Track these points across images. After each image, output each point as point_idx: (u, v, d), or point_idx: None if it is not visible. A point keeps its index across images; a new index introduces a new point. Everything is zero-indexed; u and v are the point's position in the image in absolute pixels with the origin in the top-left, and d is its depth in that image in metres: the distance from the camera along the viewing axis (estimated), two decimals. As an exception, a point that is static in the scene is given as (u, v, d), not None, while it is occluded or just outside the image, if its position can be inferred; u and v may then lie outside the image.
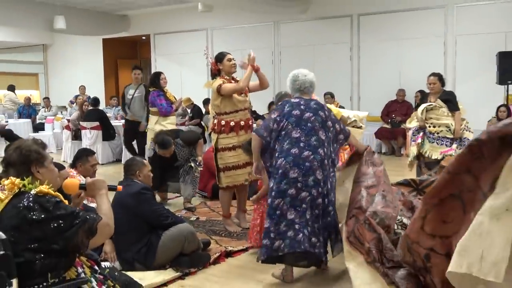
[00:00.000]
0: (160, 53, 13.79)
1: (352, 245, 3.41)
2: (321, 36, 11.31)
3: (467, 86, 9.84)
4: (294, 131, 3.69)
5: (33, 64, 16.86)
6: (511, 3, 9.31)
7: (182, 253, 4.03)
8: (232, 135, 4.96)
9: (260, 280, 3.83)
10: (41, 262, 2.03)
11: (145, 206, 3.97)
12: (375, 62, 10.77)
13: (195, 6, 11.02)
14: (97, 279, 2.25)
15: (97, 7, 12.88)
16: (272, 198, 3.64)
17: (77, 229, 2.06)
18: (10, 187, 2.10)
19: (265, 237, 3.63)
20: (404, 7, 10.25)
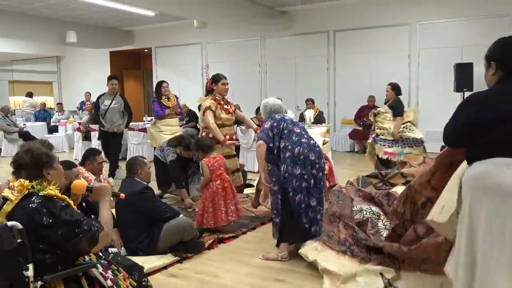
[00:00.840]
0: (161, 64, 13.75)
1: (323, 243, 3.59)
2: (302, 49, 11.34)
3: (428, 94, 9.94)
4: (295, 128, 3.90)
5: (48, 73, 16.77)
6: (466, 21, 9.40)
7: (181, 241, 4.04)
8: (218, 146, 4.96)
9: (248, 263, 3.84)
10: (51, 259, 2.01)
11: (147, 204, 3.98)
12: (348, 73, 10.82)
13: (191, 23, 10.99)
14: (102, 264, 2.23)
15: (104, 23, 12.84)
16: (294, 190, 3.70)
17: (81, 238, 2.02)
18: (19, 189, 2.05)
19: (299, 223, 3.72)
20: (374, 24, 10.30)
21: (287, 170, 3.73)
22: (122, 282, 2.23)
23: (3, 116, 11.21)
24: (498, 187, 2.06)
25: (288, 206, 3.73)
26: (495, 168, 2.09)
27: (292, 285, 3.39)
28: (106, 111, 7.09)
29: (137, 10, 10.59)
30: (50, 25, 11.73)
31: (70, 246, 2.01)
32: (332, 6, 10.60)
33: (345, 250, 3.46)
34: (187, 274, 3.65)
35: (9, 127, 11.17)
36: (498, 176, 2.07)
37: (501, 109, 2.15)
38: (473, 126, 2.21)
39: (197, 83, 12.93)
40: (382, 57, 10.36)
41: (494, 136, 2.14)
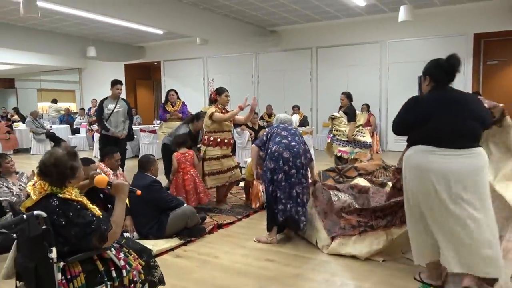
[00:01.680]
0: (168, 75, 13.71)
1: (343, 236, 3.56)
2: (289, 63, 11.35)
3: (396, 102, 9.91)
4: (282, 132, 3.94)
5: (71, 83, 16.69)
6: (427, 40, 9.46)
7: (185, 227, 4.04)
8: (217, 148, 4.98)
9: (243, 245, 3.85)
10: (68, 249, 1.99)
11: (155, 195, 3.97)
12: (329, 83, 10.84)
13: (194, 40, 10.99)
14: (115, 247, 2.20)
15: (120, 40, 12.79)
16: (268, 182, 3.80)
17: (92, 237, 1.99)
18: (40, 190, 2.01)
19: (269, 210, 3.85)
20: (350, 41, 10.34)
21: (265, 165, 3.86)
22: (133, 262, 2.22)
23: (32, 119, 11.15)
24: (418, 165, 2.61)
25: (267, 196, 3.91)
26: (419, 153, 2.62)
27: (280, 263, 3.40)
28: (110, 115, 6.27)
29: (148, 29, 10.57)
30: (73, 41, 11.69)
31: (82, 244, 1.99)
32: (315, 26, 10.62)
33: (365, 229, 3.44)
34: (190, 255, 3.65)
35: (38, 129, 11.11)
36: (421, 159, 2.60)
37: (428, 111, 2.63)
38: (411, 122, 2.71)
39: (199, 92, 12.91)
40: (357, 70, 10.40)
41: (422, 130, 2.63)
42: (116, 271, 2.11)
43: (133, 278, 2.15)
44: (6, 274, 2.11)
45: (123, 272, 2.11)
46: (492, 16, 8.62)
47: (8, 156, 4.49)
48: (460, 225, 2.50)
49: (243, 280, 3.11)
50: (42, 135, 11.02)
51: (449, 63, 2.70)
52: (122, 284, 2.12)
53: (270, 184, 3.78)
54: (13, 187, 4.17)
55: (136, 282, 2.18)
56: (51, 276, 1.89)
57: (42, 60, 14.27)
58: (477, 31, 8.95)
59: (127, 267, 2.14)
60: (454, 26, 9.07)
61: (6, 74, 18.89)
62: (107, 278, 2.07)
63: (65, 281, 1.94)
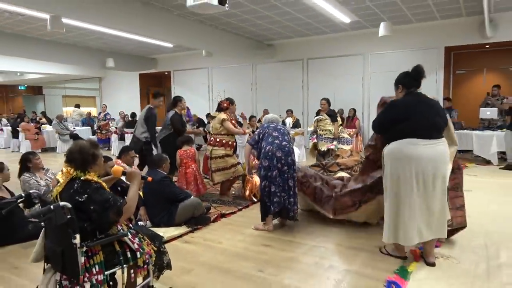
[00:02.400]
0: (178, 84, 13.68)
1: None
2: (283, 73, 11.33)
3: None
4: (273, 133, 3.87)
5: (92, 90, 16.66)
6: (405, 52, 9.46)
7: (192, 216, 4.03)
8: (222, 148, 5.05)
9: (243, 233, 3.84)
10: (90, 226, 2.00)
11: (166, 189, 3.97)
12: (318, 90, 10.82)
13: (200, 52, 10.96)
14: (132, 233, 2.22)
15: (135, 52, 12.75)
16: (263, 177, 3.76)
17: (110, 211, 2.02)
18: (66, 175, 2.08)
19: (263, 202, 3.82)
20: (337, 54, 10.34)
21: (260, 163, 3.82)
22: (146, 246, 2.23)
23: (58, 122, 11.12)
24: (405, 155, 2.78)
25: (261, 190, 3.86)
26: (403, 145, 2.81)
27: (276, 248, 3.40)
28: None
29: (159, 43, 10.55)
30: (94, 53, 11.66)
31: (101, 218, 2.01)
32: (306, 40, 10.62)
33: (360, 205, 3.65)
34: (197, 241, 3.65)
35: (63, 131, 11.08)
36: (405, 149, 2.79)
37: (406, 111, 2.84)
38: (391, 121, 2.90)
39: (204, 98, 12.89)
40: (342, 79, 10.39)
41: (402, 127, 2.82)
42: (131, 253, 2.12)
43: (145, 260, 2.17)
44: (35, 258, 2.12)
45: (137, 254, 2.13)
46: (461, 31, 8.63)
47: (36, 153, 4.50)
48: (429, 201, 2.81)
49: (243, 262, 3.11)
50: (66, 136, 11.00)
51: (416, 72, 3.06)
52: (136, 265, 2.13)
53: (264, 180, 3.74)
54: (40, 181, 4.20)
55: (149, 263, 2.20)
56: (75, 259, 1.90)
57: (67, 70, 14.27)
58: (447, 45, 8.96)
59: (140, 250, 2.15)
60: (427, 40, 9.07)
61: (35, 82, 18.89)
62: (123, 260, 2.08)
63: (86, 258, 1.97)
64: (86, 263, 1.96)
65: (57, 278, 2.00)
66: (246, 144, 4.12)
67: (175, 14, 7.84)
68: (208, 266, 3.07)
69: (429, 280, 2.69)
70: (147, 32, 7.86)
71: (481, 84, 9.69)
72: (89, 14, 6.34)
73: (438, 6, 7.63)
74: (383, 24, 7.88)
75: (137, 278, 2.16)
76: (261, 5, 7.41)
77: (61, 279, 1.99)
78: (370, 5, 7.49)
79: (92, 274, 1.96)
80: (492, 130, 7.57)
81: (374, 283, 2.67)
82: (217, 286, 2.73)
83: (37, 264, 3.07)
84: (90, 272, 1.96)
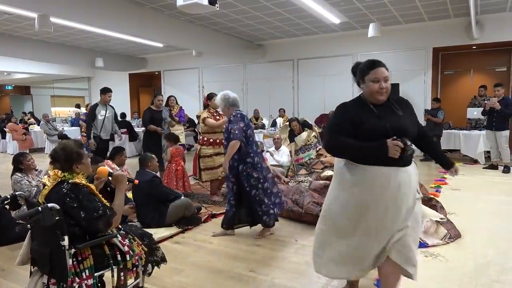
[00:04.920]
0: (168, 83, 13.60)
1: None
2: (273, 73, 11.34)
3: (367, 106, 10.04)
4: (252, 137, 3.67)
5: (81, 90, 16.49)
6: (393, 52, 9.54)
7: (183, 217, 4.01)
8: (210, 147, 5.03)
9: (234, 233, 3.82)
10: (79, 231, 1.98)
11: (156, 189, 3.95)
12: (308, 90, 10.88)
13: (191, 52, 10.94)
14: (121, 234, 2.20)
15: (125, 52, 12.65)
16: (251, 187, 3.52)
17: (98, 221, 1.98)
18: (54, 177, 2.03)
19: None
20: (327, 54, 10.39)
21: (248, 173, 3.51)
22: (136, 247, 2.21)
23: (46, 122, 10.98)
24: None
25: (246, 196, 3.55)
26: None
27: (267, 248, 3.41)
28: (103, 120, 5.95)
29: (149, 42, 10.47)
30: (83, 53, 11.53)
31: (89, 225, 1.97)
32: (296, 41, 10.65)
33: None
34: (188, 242, 3.63)
35: (50, 131, 10.94)
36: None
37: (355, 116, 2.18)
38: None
39: (195, 98, 12.84)
40: (332, 79, 10.44)
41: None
42: (121, 255, 2.10)
43: (135, 262, 2.15)
44: (21, 260, 2.08)
45: (126, 256, 2.11)
46: (448, 33, 8.74)
47: (28, 154, 4.44)
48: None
49: (234, 263, 3.10)
50: (54, 136, 10.85)
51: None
52: (126, 267, 2.11)
53: (255, 189, 3.51)
54: (32, 181, 4.15)
55: (138, 265, 2.18)
56: (64, 261, 1.87)
57: (55, 69, 14.07)
58: (435, 45, 9.07)
59: (130, 253, 2.14)
60: (415, 41, 9.17)
61: (22, 82, 18.59)
62: (113, 262, 2.06)
63: (76, 263, 1.94)
64: (76, 267, 1.93)
65: (44, 281, 1.97)
66: (235, 142, 3.52)
67: (165, 13, 7.80)
68: (198, 266, 3.05)
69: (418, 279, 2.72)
70: (137, 31, 7.79)
71: (468, 85, 9.82)
72: (77, 13, 6.26)
73: (426, 7, 7.72)
74: (372, 25, 7.94)
75: (127, 281, 2.15)
76: (251, 6, 7.41)
77: (48, 282, 1.95)
78: (359, 6, 7.54)
79: (82, 280, 1.93)
80: (479, 130, 7.69)
81: (364, 281, 2.69)
82: (208, 286, 2.72)
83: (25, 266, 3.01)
84: (80, 277, 1.93)
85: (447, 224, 3.50)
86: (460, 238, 3.43)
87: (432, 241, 3.30)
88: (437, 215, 3.55)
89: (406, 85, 9.21)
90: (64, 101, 15.86)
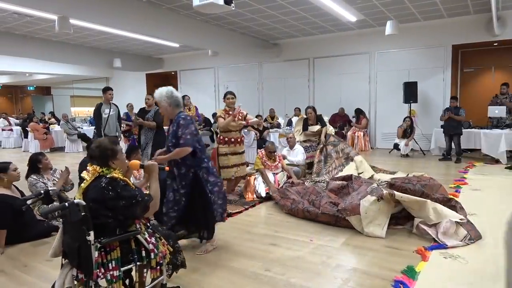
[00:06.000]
0: (184, 83, 13.72)
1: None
2: (289, 72, 11.32)
3: (384, 105, 9.93)
4: (202, 140, 3.30)
5: (99, 90, 16.59)
6: (411, 50, 9.40)
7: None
8: (226, 146, 5.05)
9: (250, 232, 3.85)
10: (113, 222, 2.05)
11: None
12: (324, 89, 10.81)
13: (206, 52, 11.00)
14: (149, 232, 2.27)
15: (142, 52, 12.81)
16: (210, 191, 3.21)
17: (136, 206, 2.08)
18: (92, 172, 2.13)
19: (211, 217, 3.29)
20: (343, 53, 10.30)
21: (205, 178, 3.19)
22: (162, 247, 2.27)
23: (65, 122, 11.21)
24: None
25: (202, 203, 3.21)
26: None
27: (282, 247, 3.39)
28: (107, 118, 6.08)
29: (166, 43, 10.58)
30: (101, 54, 11.73)
31: (129, 212, 2.07)
32: (312, 39, 10.59)
33: None
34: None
35: (70, 130, 11.18)
36: None
37: None
38: None
39: (211, 97, 12.92)
40: (349, 78, 10.35)
41: None
42: (146, 252, 2.17)
43: (159, 260, 2.20)
44: (53, 253, 2.18)
45: (151, 255, 2.17)
46: (468, 29, 8.54)
47: (44, 154, 4.53)
48: None
49: (249, 262, 3.11)
50: (74, 135, 11.09)
51: None
52: (149, 264, 2.17)
53: (211, 194, 3.22)
54: (47, 182, 4.21)
55: (162, 264, 2.23)
56: (90, 255, 1.95)
57: (74, 70, 14.37)
58: (455, 43, 8.88)
59: (155, 251, 2.20)
60: (434, 38, 9.00)
61: (43, 83, 19.06)
62: (137, 258, 2.13)
63: (104, 253, 2.02)
64: (103, 258, 2.01)
65: (74, 274, 2.05)
66: (187, 149, 3.08)
67: (181, 14, 7.86)
68: (215, 265, 3.07)
69: (437, 280, 2.67)
70: (154, 32, 7.89)
71: (490, 82, 9.58)
72: (96, 15, 6.38)
73: (445, 3, 7.56)
74: (389, 22, 7.83)
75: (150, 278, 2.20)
76: (267, 5, 7.40)
77: (77, 274, 2.04)
78: (376, 4, 7.44)
79: (107, 270, 2.00)
80: (500, 129, 7.49)
81: (381, 282, 2.66)
82: (224, 285, 2.74)
83: (46, 262, 3.10)
84: (106, 268, 2.00)
85: (467, 225, 3.41)
86: (480, 239, 3.34)
87: (452, 242, 3.24)
88: (456, 216, 3.47)
89: (424, 84, 9.05)
90: (83, 101, 16.17)
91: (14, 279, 2.93)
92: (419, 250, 3.10)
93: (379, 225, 3.53)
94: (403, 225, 3.72)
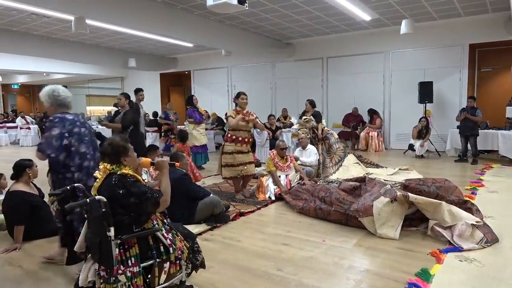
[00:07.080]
0: (197, 83, 13.81)
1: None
2: (302, 71, 11.28)
3: (399, 104, 9.82)
4: (77, 147, 2.84)
5: (114, 89, 16.99)
6: (427, 50, 9.27)
7: (212, 214, 4.06)
8: (232, 144, 5.04)
9: (262, 231, 3.84)
10: (128, 219, 2.08)
11: (185, 187, 4.00)
12: (338, 89, 10.74)
13: (220, 52, 11.03)
14: (166, 229, 2.30)
15: (156, 52, 12.94)
16: None
17: (147, 203, 2.11)
18: (104, 170, 2.18)
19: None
20: (357, 52, 10.22)
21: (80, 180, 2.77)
22: (179, 243, 2.30)
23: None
24: None
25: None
26: None
27: (295, 247, 3.39)
28: (144, 117, 6.68)
29: (180, 43, 10.66)
30: (116, 54, 11.89)
31: (139, 209, 2.10)
32: (325, 39, 10.53)
33: None
34: (216, 239, 3.67)
35: (86, 129, 11.33)
36: None
37: None
38: None
39: (224, 96, 12.97)
40: (363, 77, 10.26)
41: None
42: (164, 248, 2.20)
43: (177, 255, 2.24)
44: (79, 246, 2.24)
45: (170, 249, 2.20)
46: (486, 28, 8.38)
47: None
48: None
49: (262, 261, 3.11)
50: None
51: None
52: (169, 259, 2.20)
53: None
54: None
55: (181, 259, 2.27)
56: (110, 251, 1.99)
57: (90, 70, 14.61)
58: (472, 42, 8.72)
59: (173, 246, 2.23)
60: (451, 37, 8.85)
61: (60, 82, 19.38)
62: (157, 254, 2.16)
63: (123, 250, 2.06)
64: (122, 255, 2.05)
65: (96, 268, 2.10)
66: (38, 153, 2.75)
67: (195, 14, 7.91)
68: (227, 264, 3.08)
69: (452, 284, 2.63)
70: (168, 32, 7.96)
71: (507, 82, 9.37)
72: (112, 16, 6.47)
73: (462, 2, 7.43)
74: (404, 21, 7.73)
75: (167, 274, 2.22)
76: (280, 4, 7.38)
77: (99, 268, 2.08)
78: (391, 2, 7.36)
79: (127, 267, 2.04)
80: (519, 130, 7.33)
81: (394, 284, 2.63)
82: (236, 284, 2.75)
83: (62, 258, 3.15)
84: (126, 265, 2.04)
85: (483, 227, 3.35)
86: (497, 242, 3.27)
87: (468, 245, 3.18)
88: (472, 218, 3.41)
89: (440, 84, 8.91)
90: (98, 100, 16.42)
91: (31, 275, 2.99)
92: (433, 253, 3.06)
93: (393, 226, 3.49)
94: (417, 226, 3.67)
